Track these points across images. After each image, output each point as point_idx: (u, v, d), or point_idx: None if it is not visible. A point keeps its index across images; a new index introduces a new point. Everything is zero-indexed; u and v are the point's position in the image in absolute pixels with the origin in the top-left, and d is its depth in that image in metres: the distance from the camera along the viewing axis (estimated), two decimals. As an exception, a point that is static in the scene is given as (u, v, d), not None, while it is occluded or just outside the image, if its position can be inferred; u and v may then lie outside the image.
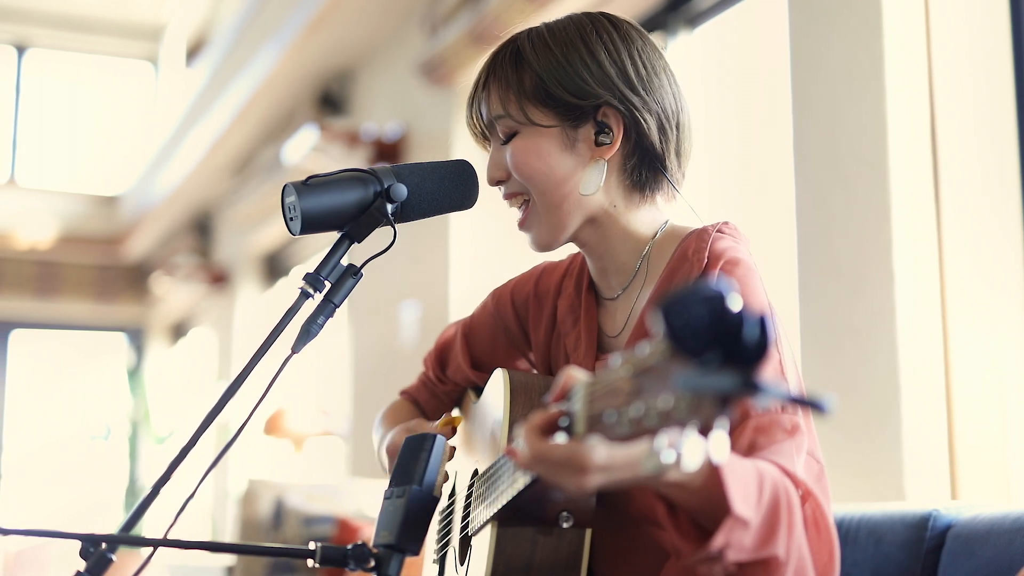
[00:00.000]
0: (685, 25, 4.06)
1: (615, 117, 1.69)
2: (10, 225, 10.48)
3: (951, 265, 2.75)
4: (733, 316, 0.96)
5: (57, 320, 11.09)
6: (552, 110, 1.69)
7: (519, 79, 1.70)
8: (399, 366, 5.23)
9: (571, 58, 1.69)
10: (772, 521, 1.34)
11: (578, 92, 1.68)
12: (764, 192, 3.72)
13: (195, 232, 9.31)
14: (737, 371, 0.96)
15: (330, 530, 3.78)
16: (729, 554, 1.31)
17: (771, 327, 0.97)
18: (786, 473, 1.42)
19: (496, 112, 1.72)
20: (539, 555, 1.56)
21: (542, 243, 1.75)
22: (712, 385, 0.97)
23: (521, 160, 1.70)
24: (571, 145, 1.70)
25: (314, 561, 1.47)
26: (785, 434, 1.48)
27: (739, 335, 0.96)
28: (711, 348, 0.97)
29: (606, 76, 1.68)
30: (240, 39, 7.20)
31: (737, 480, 1.30)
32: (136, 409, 9.26)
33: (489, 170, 1.75)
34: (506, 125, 1.72)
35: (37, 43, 11.15)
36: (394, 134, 5.50)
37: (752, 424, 1.49)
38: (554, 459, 1.23)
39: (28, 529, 1.50)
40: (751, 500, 1.31)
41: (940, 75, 2.81)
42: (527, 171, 1.70)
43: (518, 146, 1.71)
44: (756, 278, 1.64)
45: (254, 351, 1.58)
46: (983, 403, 2.72)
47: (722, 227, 1.72)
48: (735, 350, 0.96)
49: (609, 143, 1.70)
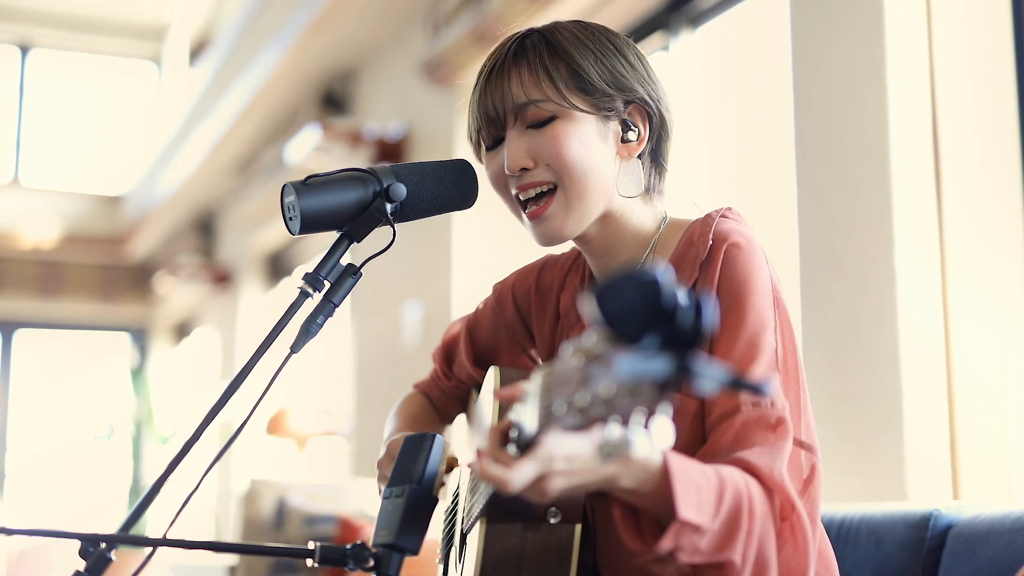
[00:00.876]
0: (687, 24, 4.06)
1: (641, 115, 1.71)
2: (14, 225, 10.49)
3: (953, 264, 2.74)
4: (667, 300, 0.96)
5: (61, 320, 11.10)
6: (589, 98, 1.67)
7: (556, 66, 1.67)
8: (401, 365, 5.23)
9: (606, 54, 1.69)
10: (731, 526, 1.39)
11: (616, 83, 1.68)
12: (766, 191, 3.72)
13: (198, 232, 9.31)
14: (673, 355, 0.95)
15: (332, 530, 3.78)
16: (681, 556, 1.36)
17: (708, 311, 0.96)
18: (761, 477, 1.45)
19: (533, 96, 1.65)
20: (528, 551, 1.55)
21: (558, 235, 1.69)
22: (648, 370, 0.96)
23: (564, 144, 1.64)
24: (603, 136, 1.68)
25: (313, 561, 1.46)
26: (768, 432, 1.50)
27: (674, 319, 0.95)
28: (647, 333, 0.96)
29: (636, 73, 1.70)
30: (243, 39, 7.20)
31: (689, 486, 1.35)
32: (139, 409, 9.27)
33: (511, 157, 1.66)
34: (543, 109, 1.65)
35: (41, 43, 11.16)
36: (396, 134, 5.50)
37: (739, 419, 1.50)
38: (500, 477, 1.25)
39: (29, 529, 1.50)
40: (706, 506, 1.36)
41: (941, 74, 2.81)
42: (568, 156, 1.64)
43: (559, 131, 1.65)
44: (761, 258, 1.65)
45: (255, 351, 1.57)
46: (985, 403, 2.72)
47: (726, 212, 1.73)
48: (671, 335, 0.95)
49: (635, 140, 1.70)
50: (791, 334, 1.62)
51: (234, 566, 3.97)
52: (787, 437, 1.51)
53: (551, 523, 1.55)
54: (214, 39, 8.80)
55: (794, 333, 1.63)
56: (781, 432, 1.50)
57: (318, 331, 1.58)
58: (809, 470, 1.58)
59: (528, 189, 1.68)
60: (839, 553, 2.12)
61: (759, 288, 1.62)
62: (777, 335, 1.60)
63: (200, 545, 1.49)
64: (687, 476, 1.35)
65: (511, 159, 1.67)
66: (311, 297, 1.59)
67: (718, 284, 1.62)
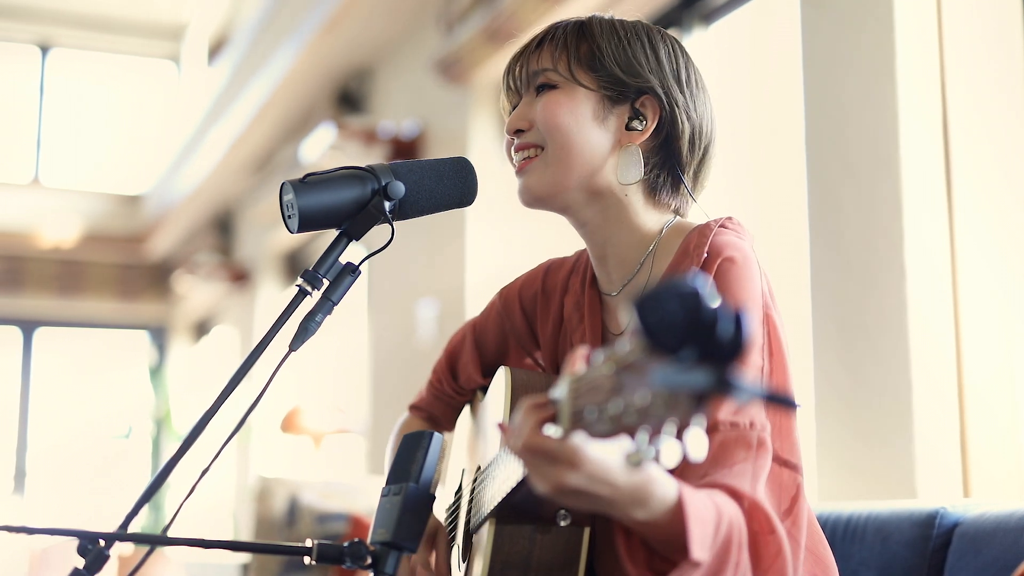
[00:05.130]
0: (700, 21, 4.06)
1: (653, 108, 1.74)
2: (34, 224, 10.54)
3: (963, 262, 2.73)
4: (707, 313, 0.96)
5: (80, 319, 11.15)
6: (597, 77, 1.73)
7: (576, 45, 1.74)
8: (416, 363, 5.24)
9: (632, 42, 1.74)
10: (722, 559, 1.40)
11: (628, 69, 1.73)
12: (776, 188, 3.71)
13: (216, 230, 9.34)
14: (712, 368, 0.96)
15: (344, 527, 3.79)
16: None
17: (747, 324, 0.96)
18: (742, 499, 1.46)
19: (543, 65, 1.75)
20: (537, 553, 1.55)
21: (536, 191, 1.75)
22: (686, 382, 0.96)
23: (552, 111, 1.72)
24: (603, 118, 1.73)
25: (311, 559, 1.47)
26: (748, 452, 1.49)
27: (713, 332, 0.95)
28: (686, 345, 0.96)
29: (660, 68, 1.74)
30: (259, 38, 7.22)
31: (699, 523, 1.36)
32: (158, 407, 9.30)
33: (511, 120, 1.77)
34: (547, 78, 1.74)
35: (60, 43, 11.21)
36: (411, 132, 5.50)
37: (718, 439, 1.49)
38: (542, 449, 1.24)
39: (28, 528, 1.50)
40: (707, 541, 1.37)
41: (952, 70, 2.80)
42: (553, 120, 1.72)
43: (553, 98, 1.73)
44: (754, 274, 1.64)
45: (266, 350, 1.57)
46: (995, 400, 2.70)
47: (725, 222, 1.72)
48: (710, 347, 0.95)
49: (640, 130, 1.73)
50: (780, 351, 1.61)
51: (247, 564, 3.98)
52: (766, 457, 1.51)
53: (561, 525, 1.55)
54: (231, 38, 8.82)
55: (783, 349, 1.62)
56: (761, 452, 1.51)
57: (317, 329, 1.58)
58: (795, 489, 1.58)
59: (521, 150, 1.77)
60: (845, 551, 2.12)
61: (750, 303, 1.61)
62: (764, 354, 1.59)
63: (198, 543, 1.50)
64: (698, 512, 1.36)
65: (510, 121, 1.78)
66: (310, 295, 1.59)
67: None
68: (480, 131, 4.93)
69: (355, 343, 6.64)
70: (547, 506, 1.54)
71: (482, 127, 4.94)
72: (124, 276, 11.11)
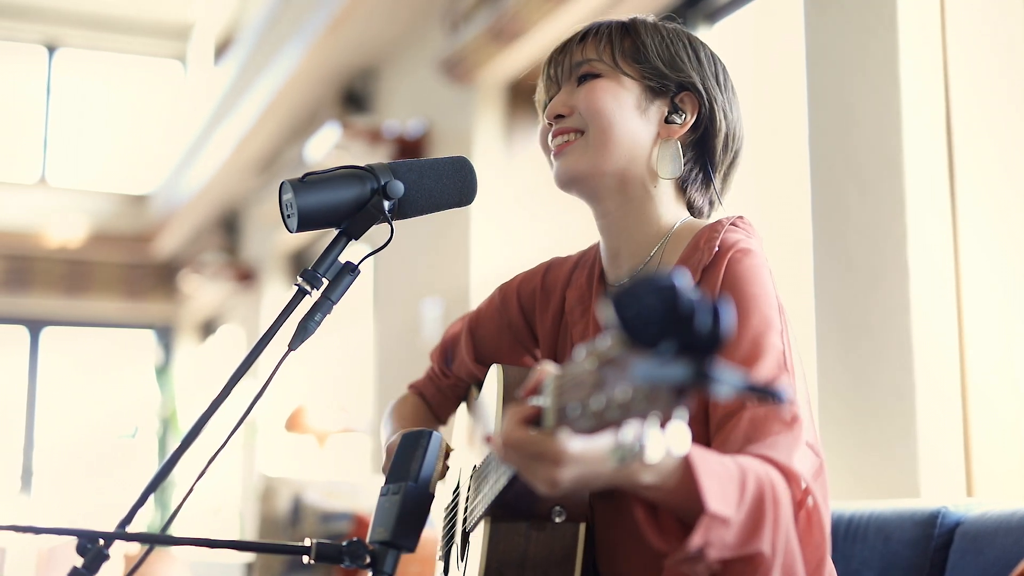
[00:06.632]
0: (703, 21, 4.05)
1: (692, 104, 1.77)
2: (41, 224, 10.57)
3: (966, 260, 2.72)
4: (685, 306, 0.95)
5: (87, 318, 11.17)
6: (641, 68, 1.76)
7: (621, 39, 1.78)
8: (421, 363, 5.20)
9: (675, 41, 1.79)
10: (756, 517, 1.34)
11: (671, 63, 1.77)
12: (779, 188, 3.71)
13: (223, 230, 9.35)
14: (691, 361, 0.95)
15: (348, 527, 3.79)
16: (711, 552, 1.31)
17: (726, 316, 0.96)
18: (779, 467, 1.42)
19: (588, 56, 1.78)
20: (532, 549, 1.55)
21: (574, 171, 1.76)
22: (665, 376, 0.96)
23: (597, 96, 1.74)
24: (644, 108, 1.76)
25: (309, 558, 1.47)
26: (783, 426, 1.48)
27: (691, 324, 0.95)
28: (665, 338, 0.96)
29: (700, 66, 1.79)
30: (265, 38, 7.23)
31: (712, 478, 1.31)
32: (165, 407, 9.31)
33: (552, 105, 1.78)
34: (591, 67, 1.77)
35: (67, 43, 11.23)
36: (416, 131, 5.50)
37: (748, 416, 1.49)
38: (527, 449, 1.24)
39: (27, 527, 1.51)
40: (730, 497, 1.32)
41: (955, 69, 2.79)
42: (597, 105, 1.74)
43: (598, 84, 1.75)
44: (765, 271, 1.65)
45: (266, 350, 1.58)
46: (999, 400, 2.70)
47: (736, 221, 1.75)
48: (688, 340, 0.95)
49: (679, 124, 1.76)
50: (790, 346, 1.61)
51: (251, 563, 3.98)
52: (801, 433, 1.49)
53: (556, 522, 1.55)
54: (237, 38, 8.84)
55: (792, 344, 1.61)
56: (795, 428, 1.49)
57: (316, 328, 1.58)
58: (817, 467, 1.57)
59: (560, 135, 1.78)
60: (847, 550, 2.12)
61: (764, 292, 1.62)
62: (784, 338, 1.58)
63: (197, 542, 1.50)
64: (709, 467, 1.32)
65: (552, 106, 1.79)
66: (309, 295, 1.59)
67: (721, 287, 1.62)
68: (485, 130, 4.92)
69: (360, 342, 6.64)
70: (541, 503, 1.53)
71: (487, 126, 4.93)
72: (130, 276, 11.13)
